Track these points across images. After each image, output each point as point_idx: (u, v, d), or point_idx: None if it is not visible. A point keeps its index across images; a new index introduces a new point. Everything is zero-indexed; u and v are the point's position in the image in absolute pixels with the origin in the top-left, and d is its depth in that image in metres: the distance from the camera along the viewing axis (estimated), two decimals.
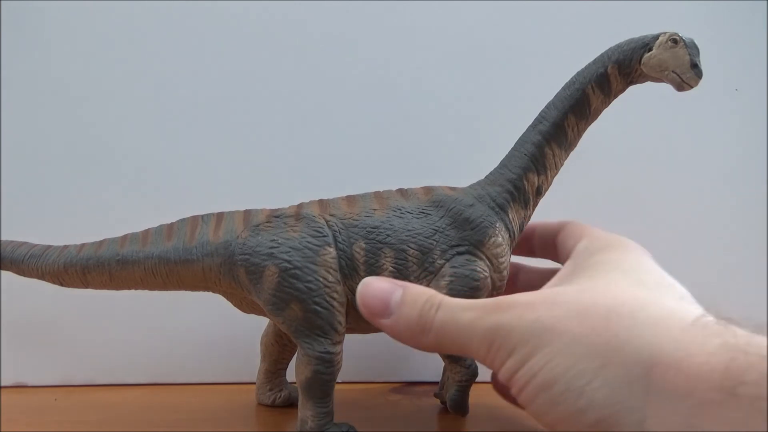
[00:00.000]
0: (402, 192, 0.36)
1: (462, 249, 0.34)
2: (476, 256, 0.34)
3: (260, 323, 0.41)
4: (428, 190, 0.36)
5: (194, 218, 0.36)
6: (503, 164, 0.36)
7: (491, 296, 0.35)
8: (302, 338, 0.33)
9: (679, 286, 0.27)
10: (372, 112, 0.49)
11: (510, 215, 0.35)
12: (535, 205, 0.37)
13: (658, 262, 0.29)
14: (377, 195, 0.36)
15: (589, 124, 0.36)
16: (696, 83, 0.32)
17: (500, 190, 0.35)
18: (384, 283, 0.30)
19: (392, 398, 0.45)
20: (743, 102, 0.50)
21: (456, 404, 0.39)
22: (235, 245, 0.34)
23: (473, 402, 0.39)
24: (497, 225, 0.34)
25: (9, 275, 0.36)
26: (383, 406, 0.43)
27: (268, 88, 0.48)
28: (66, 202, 0.46)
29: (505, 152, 0.36)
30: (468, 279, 0.33)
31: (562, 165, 0.36)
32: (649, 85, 0.35)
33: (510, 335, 0.25)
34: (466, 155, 0.48)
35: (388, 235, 0.33)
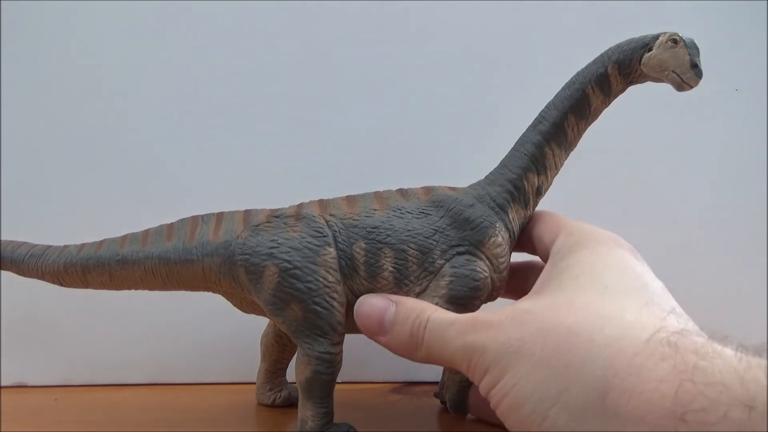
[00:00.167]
0: (402, 192, 0.36)
1: (462, 249, 0.34)
2: (476, 256, 0.34)
3: (260, 323, 0.41)
4: (428, 190, 0.36)
5: (194, 218, 0.36)
6: (503, 164, 0.36)
7: (491, 296, 0.35)
8: (302, 338, 0.33)
9: (650, 283, 0.28)
10: (372, 112, 0.49)
11: (510, 215, 0.35)
12: (535, 205, 0.36)
13: (658, 263, 0.29)
14: (377, 195, 0.36)
15: (589, 124, 0.36)
16: (696, 83, 0.32)
17: (500, 190, 0.35)
18: (378, 300, 0.32)
19: (392, 398, 0.45)
20: (743, 102, 0.50)
21: (456, 404, 0.39)
22: (235, 245, 0.34)
23: None
24: (497, 225, 0.34)
25: (9, 275, 0.36)
26: (383, 406, 0.43)
27: (268, 88, 0.48)
28: (66, 202, 0.46)
29: (505, 152, 0.36)
30: (468, 279, 0.33)
31: (562, 165, 0.36)
32: (648, 85, 0.35)
33: (484, 355, 0.27)
34: (466, 155, 0.47)
35: (388, 236, 0.33)
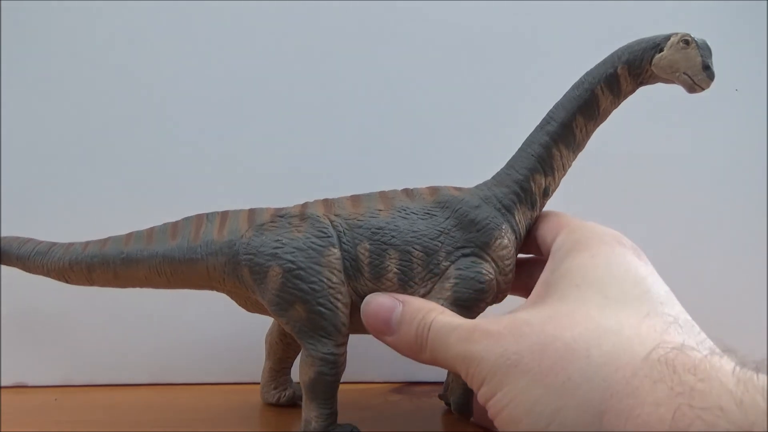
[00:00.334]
0: (407, 192, 0.36)
1: (467, 251, 0.33)
2: (482, 258, 0.33)
3: (264, 323, 0.41)
4: (434, 190, 0.35)
5: (199, 217, 0.36)
6: (510, 165, 0.36)
7: (497, 298, 0.35)
8: (306, 339, 0.33)
9: (653, 288, 0.27)
10: (378, 111, 0.48)
11: (516, 217, 0.35)
12: (542, 206, 0.36)
13: (658, 263, 0.29)
14: (382, 195, 0.35)
15: (598, 125, 0.35)
16: (708, 85, 0.31)
17: (507, 191, 0.35)
18: (385, 299, 0.32)
19: (393, 398, 0.45)
20: (743, 102, 0.50)
21: (460, 406, 0.38)
22: (239, 245, 0.33)
23: None
24: (503, 227, 0.34)
25: (9, 275, 0.36)
26: (384, 407, 0.43)
27: (272, 88, 0.48)
28: (71, 200, 0.46)
29: (512, 153, 0.36)
30: (473, 281, 0.33)
31: (570, 166, 0.36)
32: (648, 85, 0.34)
33: (480, 365, 0.26)
34: (472, 155, 0.47)
35: (393, 236, 0.33)
